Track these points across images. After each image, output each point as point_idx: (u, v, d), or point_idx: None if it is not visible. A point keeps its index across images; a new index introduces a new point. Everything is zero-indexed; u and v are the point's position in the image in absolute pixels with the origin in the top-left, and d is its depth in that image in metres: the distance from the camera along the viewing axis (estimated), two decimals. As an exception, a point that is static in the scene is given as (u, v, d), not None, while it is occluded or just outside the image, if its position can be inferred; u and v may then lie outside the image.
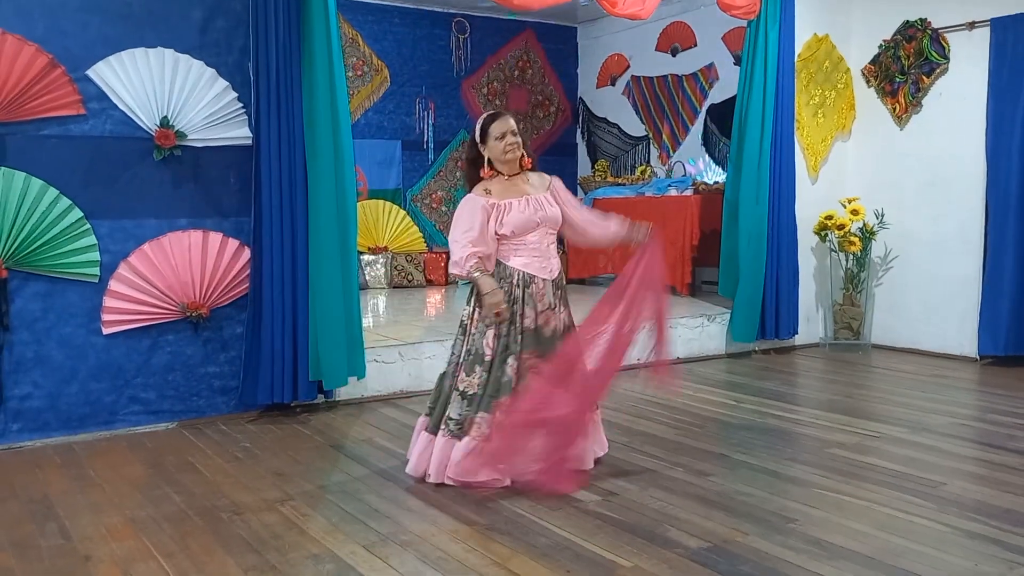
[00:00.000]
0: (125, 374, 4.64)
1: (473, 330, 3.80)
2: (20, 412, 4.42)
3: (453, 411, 3.74)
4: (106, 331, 4.58)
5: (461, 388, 3.74)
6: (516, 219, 3.73)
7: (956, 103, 6.47)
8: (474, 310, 3.82)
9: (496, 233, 3.75)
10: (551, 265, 3.83)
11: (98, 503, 3.59)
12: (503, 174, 3.83)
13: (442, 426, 3.76)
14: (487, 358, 3.72)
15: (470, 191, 3.87)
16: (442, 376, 3.90)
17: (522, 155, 3.84)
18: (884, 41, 6.85)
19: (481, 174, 3.83)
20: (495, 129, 3.79)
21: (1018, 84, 6.02)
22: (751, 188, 6.42)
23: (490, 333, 3.73)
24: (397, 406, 5.17)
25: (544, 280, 3.79)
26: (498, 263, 3.81)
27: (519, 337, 3.73)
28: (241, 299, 4.89)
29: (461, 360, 3.81)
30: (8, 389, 4.39)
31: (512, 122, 3.82)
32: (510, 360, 3.71)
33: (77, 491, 3.74)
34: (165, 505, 3.55)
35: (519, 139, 3.81)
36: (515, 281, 3.76)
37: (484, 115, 3.89)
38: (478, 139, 3.84)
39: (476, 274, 3.71)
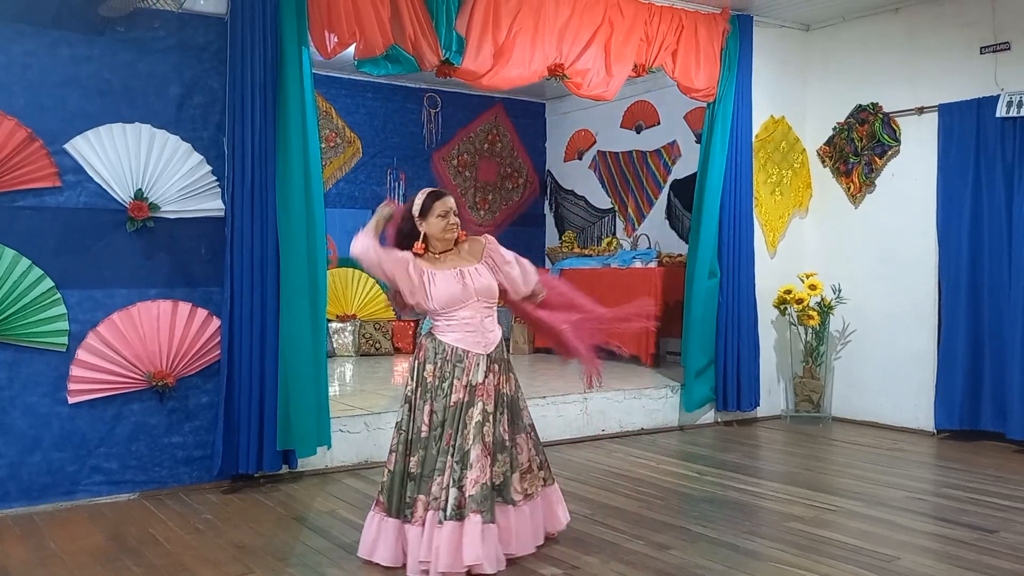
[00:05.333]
0: (88, 444, 4.64)
1: (413, 404, 3.72)
2: (-20, 482, 4.39)
3: (408, 493, 3.65)
4: (72, 400, 4.59)
5: (411, 470, 3.66)
6: (442, 292, 3.67)
7: (908, 183, 6.73)
8: (418, 386, 3.74)
9: (424, 307, 3.74)
10: (487, 340, 3.74)
11: (58, 576, 3.57)
12: (434, 252, 3.81)
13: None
14: (424, 435, 3.66)
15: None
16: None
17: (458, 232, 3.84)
18: (838, 123, 7.14)
19: (414, 248, 3.77)
20: (438, 207, 3.76)
21: (965, 166, 6.29)
22: (707, 261, 6.63)
23: (427, 408, 3.67)
24: (361, 477, 5.18)
25: (477, 354, 3.70)
26: (433, 337, 3.76)
27: (445, 412, 3.66)
28: (207, 369, 4.92)
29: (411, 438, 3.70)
30: (-31, 459, 4.37)
31: (453, 202, 3.81)
32: (437, 436, 3.65)
33: (37, 563, 3.71)
34: (125, 578, 3.54)
35: (458, 219, 3.82)
36: (447, 356, 3.70)
37: (426, 192, 3.85)
38: (416, 213, 3.79)
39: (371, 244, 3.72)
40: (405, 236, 3.82)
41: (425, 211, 3.79)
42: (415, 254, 3.76)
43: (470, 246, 3.89)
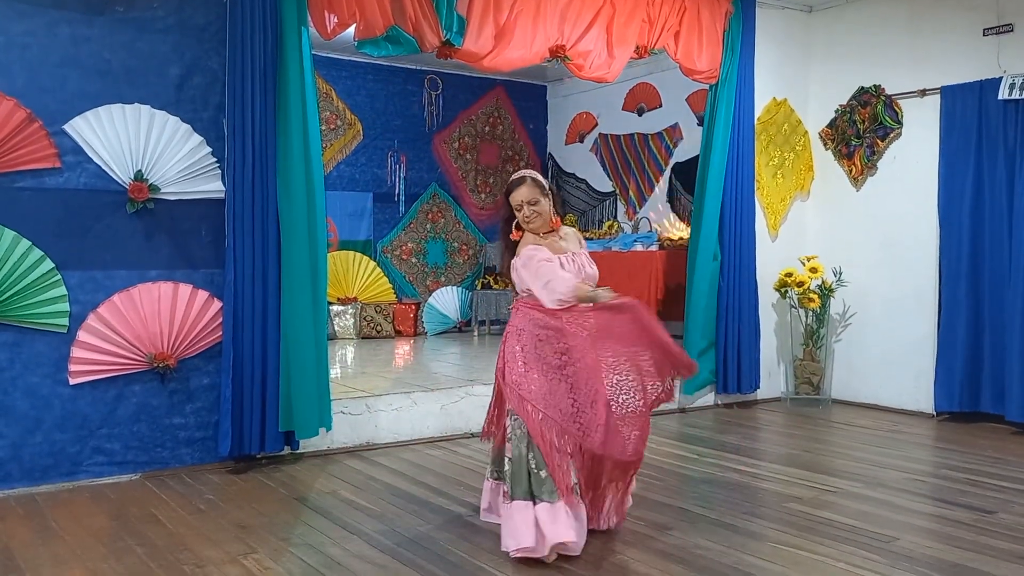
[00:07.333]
0: (90, 424, 4.65)
1: None
2: (-18, 462, 4.40)
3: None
4: (73, 381, 4.59)
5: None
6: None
7: (909, 166, 6.71)
8: None
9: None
10: None
11: (60, 555, 3.58)
12: (539, 236, 3.75)
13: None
14: None
15: (509, 246, 3.80)
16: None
17: (549, 218, 3.74)
18: (840, 106, 7.12)
19: (511, 236, 3.76)
20: (513, 199, 3.72)
21: (967, 150, 6.27)
22: (710, 244, 6.62)
23: None
24: (362, 458, 5.20)
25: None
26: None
27: None
28: (208, 350, 4.93)
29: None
30: (-29, 439, 4.38)
31: (528, 191, 3.67)
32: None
33: (39, 543, 3.73)
34: (127, 558, 3.55)
35: (539, 207, 3.68)
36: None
37: (512, 178, 3.80)
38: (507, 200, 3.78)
39: (586, 292, 3.58)
40: (506, 221, 3.83)
41: (507, 200, 3.77)
42: (514, 240, 3.76)
43: (574, 235, 3.90)
